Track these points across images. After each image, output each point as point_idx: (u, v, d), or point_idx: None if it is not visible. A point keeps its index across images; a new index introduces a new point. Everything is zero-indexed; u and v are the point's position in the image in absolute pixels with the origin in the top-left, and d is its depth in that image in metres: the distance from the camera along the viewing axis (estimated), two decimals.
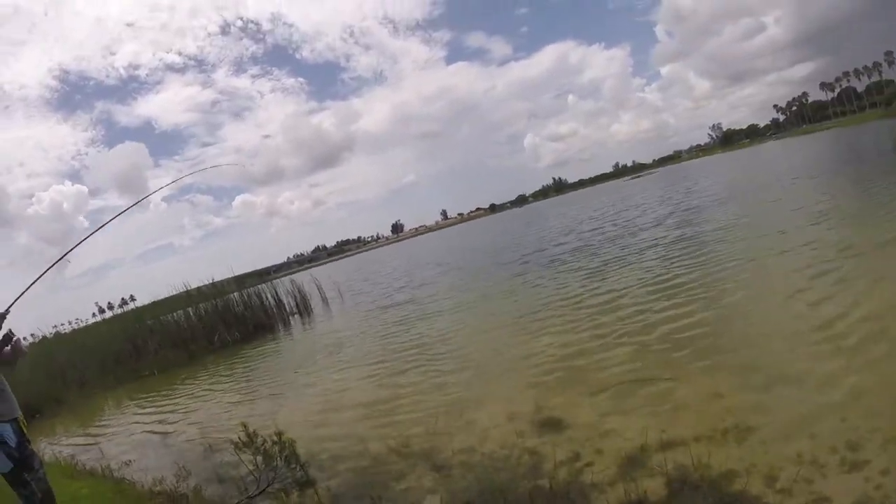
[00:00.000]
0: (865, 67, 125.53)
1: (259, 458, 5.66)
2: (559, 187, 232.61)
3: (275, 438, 5.60)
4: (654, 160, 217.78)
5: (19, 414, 3.64)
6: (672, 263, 11.55)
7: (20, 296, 3.75)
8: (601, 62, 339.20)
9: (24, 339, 24.40)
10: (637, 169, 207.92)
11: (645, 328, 7.73)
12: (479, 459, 5.20)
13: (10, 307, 3.58)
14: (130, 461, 8.20)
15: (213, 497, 5.84)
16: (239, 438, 5.75)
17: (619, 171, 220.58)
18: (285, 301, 22.75)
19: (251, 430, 5.76)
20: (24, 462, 3.53)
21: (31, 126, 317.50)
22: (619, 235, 18.82)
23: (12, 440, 3.49)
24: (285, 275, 39.89)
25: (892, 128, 25.37)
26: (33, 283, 3.99)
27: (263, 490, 5.51)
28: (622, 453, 4.53)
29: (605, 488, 4.14)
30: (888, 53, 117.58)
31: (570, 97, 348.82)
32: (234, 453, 6.01)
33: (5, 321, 3.53)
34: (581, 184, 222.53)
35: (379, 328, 13.93)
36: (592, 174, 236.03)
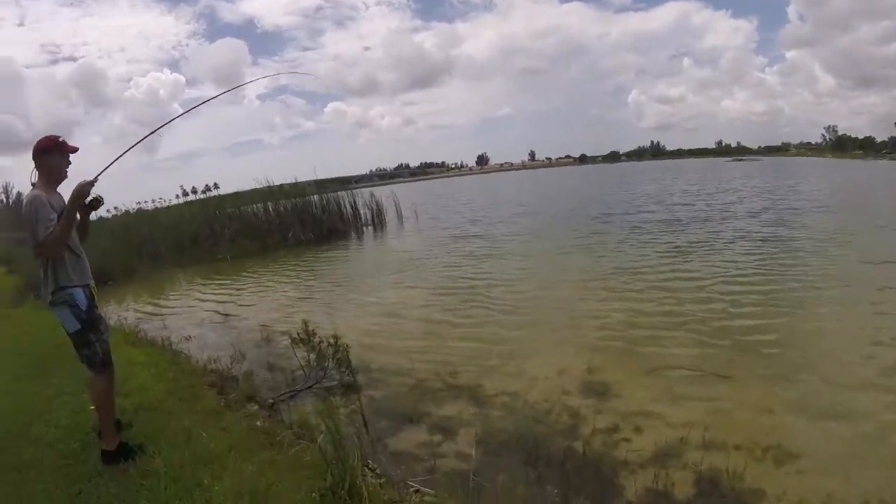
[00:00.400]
0: None
1: (312, 356, 5.92)
2: (656, 152, 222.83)
3: (331, 340, 5.81)
4: (759, 147, 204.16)
5: (91, 281, 3.80)
6: (758, 262, 10.83)
7: (108, 166, 3.85)
8: (725, 30, 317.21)
9: (108, 211, 25.95)
10: (740, 151, 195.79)
11: (715, 321, 7.41)
12: (520, 406, 5.22)
13: (98, 176, 3.67)
14: (190, 337, 8.62)
15: (262, 383, 6.10)
16: (297, 334, 6.01)
17: (722, 150, 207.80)
18: (362, 212, 23.35)
19: (310, 328, 6.01)
20: (91, 324, 3.69)
21: (135, 15, 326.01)
22: (709, 218, 17.89)
23: (83, 303, 3.65)
24: (365, 187, 40.39)
25: None
26: (122, 154, 4.07)
27: (310, 387, 5.74)
28: (661, 439, 4.45)
29: (635, 468, 4.09)
30: None
31: (686, 60, 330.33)
32: (290, 347, 6.27)
33: (93, 188, 3.66)
34: (679, 153, 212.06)
35: (447, 256, 13.99)
36: (693, 146, 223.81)
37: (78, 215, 3.67)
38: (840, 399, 5.14)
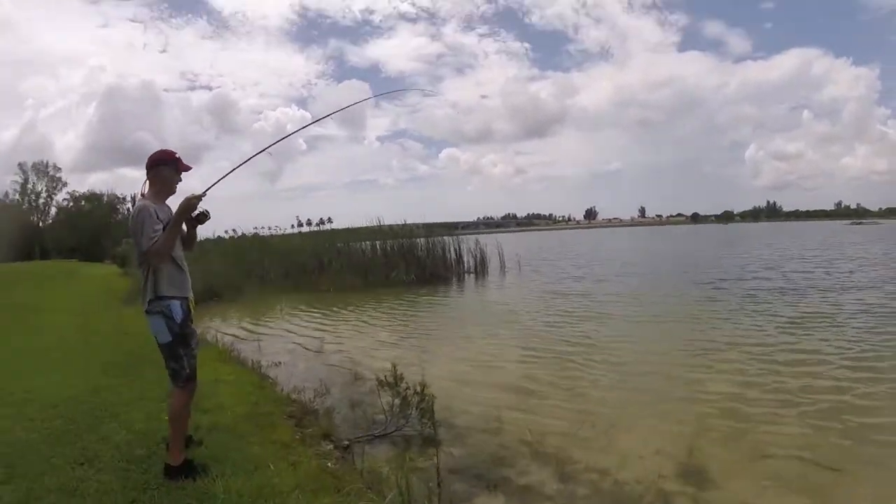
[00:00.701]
0: None
1: (396, 402, 5.69)
2: (771, 213, 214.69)
3: (417, 388, 5.59)
4: (880, 209, 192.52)
5: (190, 295, 3.80)
6: (882, 341, 9.63)
7: (217, 181, 3.90)
8: (846, 79, 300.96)
9: (226, 232, 27.53)
10: (860, 213, 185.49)
11: (832, 409, 6.56)
12: (609, 485, 4.74)
13: (206, 191, 3.72)
14: (280, 363, 8.71)
15: (342, 421, 5.96)
16: (385, 377, 5.82)
17: (841, 212, 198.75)
18: (465, 258, 23.46)
19: (399, 372, 5.80)
20: (183, 338, 3.67)
21: (269, 51, 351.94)
22: (829, 287, 16.48)
23: (178, 316, 3.64)
24: (472, 233, 40.62)
25: None
26: (232, 170, 4.11)
27: (390, 433, 5.52)
28: None
29: None
30: None
31: (805, 113, 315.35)
32: (376, 390, 6.11)
33: (201, 203, 3.67)
34: (796, 214, 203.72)
35: (546, 313, 13.44)
36: (810, 207, 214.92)
37: (185, 227, 3.72)
38: None
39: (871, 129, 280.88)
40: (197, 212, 3.63)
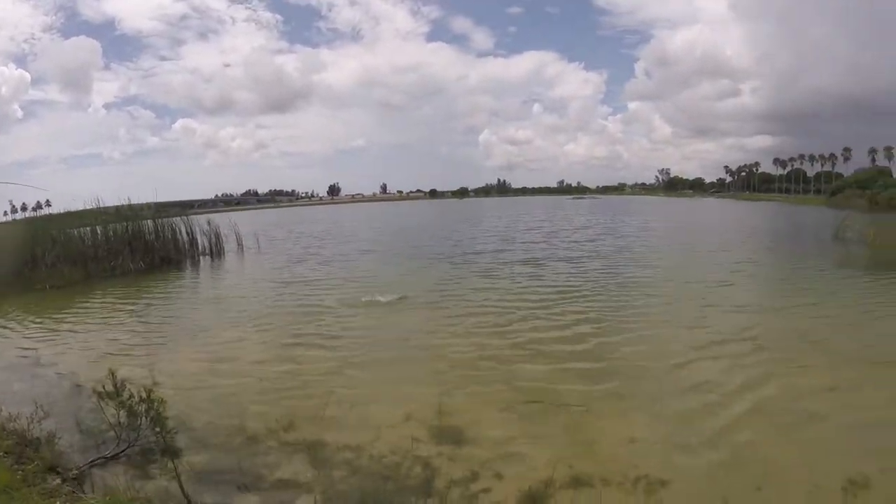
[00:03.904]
0: (821, 156, 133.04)
1: (123, 414, 5.01)
2: (502, 189, 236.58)
3: (143, 395, 4.92)
4: (597, 187, 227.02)
5: None
6: (604, 300, 11.17)
7: None
8: (576, 81, 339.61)
9: None
10: (580, 190, 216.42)
11: (568, 350, 7.44)
12: (366, 462, 4.71)
13: None
14: None
15: (69, 447, 5.18)
16: (104, 388, 5.08)
17: (563, 189, 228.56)
18: (199, 240, 21.86)
19: (118, 379, 5.08)
20: None
21: None
22: (552, 250, 18.93)
23: None
24: (210, 212, 38.30)
25: (837, 220, 27.24)
26: None
27: (122, 451, 4.92)
28: (525, 484, 4.16)
29: None
30: (846, 150, 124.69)
31: (536, 106, 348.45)
32: (97, 403, 5.30)
33: None
34: (524, 191, 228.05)
35: (284, 292, 13.15)
36: (537, 185, 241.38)
37: None
38: (694, 419, 5.38)
39: (594, 122, 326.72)
40: None
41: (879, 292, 11.99)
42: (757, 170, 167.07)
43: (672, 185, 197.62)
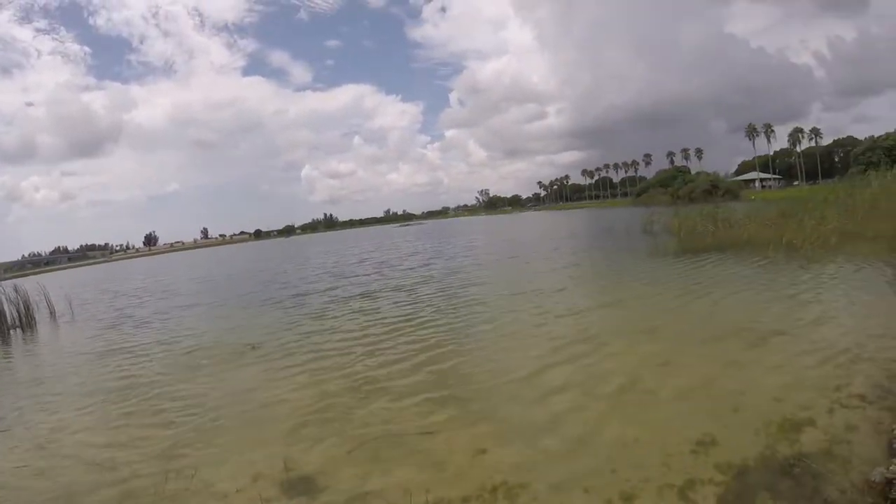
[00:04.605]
0: (624, 163, 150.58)
1: None
2: (329, 223, 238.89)
3: None
4: (423, 212, 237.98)
5: None
6: (429, 308, 12.25)
7: None
8: (394, 112, 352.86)
9: None
10: (406, 217, 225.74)
11: (411, 381, 7.51)
12: None
13: None
14: None
15: None
16: None
17: (390, 218, 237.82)
18: (7, 310, 19.36)
19: None
20: None
21: None
22: (373, 278, 19.23)
23: None
24: (18, 276, 34.59)
25: (643, 217, 31.85)
26: None
27: None
28: None
29: None
30: (647, 156, 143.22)
31: (357, 138, 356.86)
32: None
33: None
34: (351, 223, 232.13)
35: (106, 362, 11.83)
36: (364, 216, 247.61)
37: None
38: (536, 417, 5.73)
39: (414, 151, 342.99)
40: None
41: (692, 274, 13.59)
42: (567, 182, 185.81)
43: (492, 204, 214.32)
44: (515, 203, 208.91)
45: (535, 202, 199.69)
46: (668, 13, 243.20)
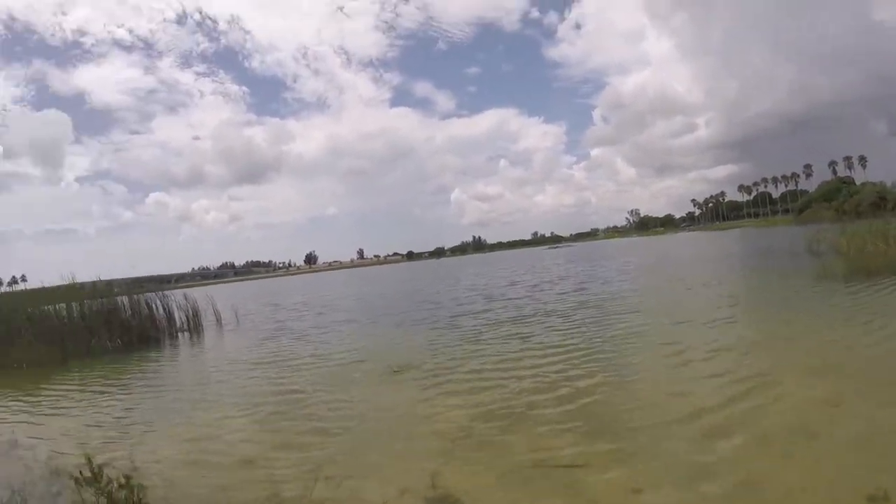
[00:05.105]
0: (784, 176, 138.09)
1: (103, 501, 4.80)
2: (478, 246, 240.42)
3: (122, 481, 4.78)
4: (571, 234, 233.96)
5: None
6: (583, 339, 11.65)
7: None
8: (537, 134, 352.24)
9: None
10: (555, 239, 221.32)
11: (566, 410, 7.27)
12: None
13: None
14: None
15: None
16: (81, 473, 4.87)
17: (538, 240, 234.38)
18: (177, 316, 21.63)
19: (96, 465, 4.91)
20: None
21: None
22: (536, 303, 18.85)
23: None
24: (188, 286, 38.31)
25: (807, 235, 29.27)
26: None
27: None
28: None
29: None
30: (807, 167, 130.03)
31: (503, 162, 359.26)
32: (76, 490, 5.05)
33: None
34: (500, 245, 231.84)
35: (267, 366, 12.94)
36: (512, 238, 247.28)
37: None
38: (694, 456, 5.39)
39: (559, 172, 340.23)
40: None
41: (865, 301, 12.52)
42: (723, 199, 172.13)
43: (643, 225, 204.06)
44: (668, 223, 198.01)
45: (689, 222, 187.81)
46: (808, 5, 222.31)
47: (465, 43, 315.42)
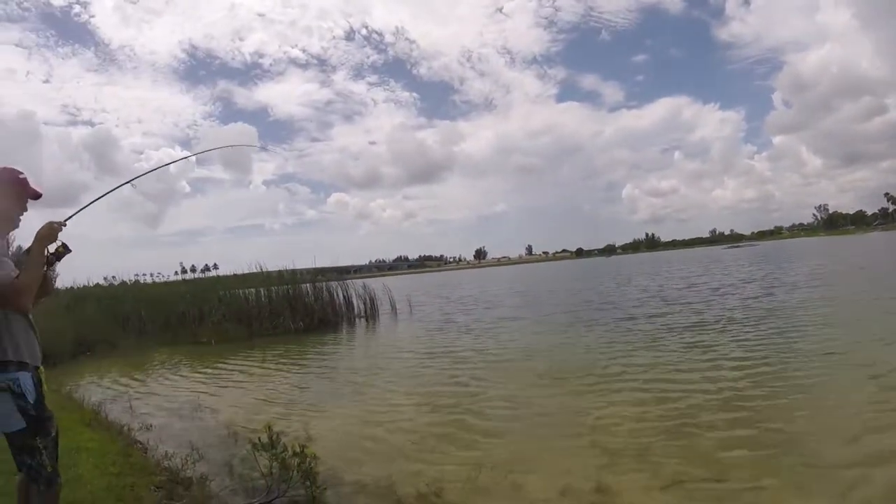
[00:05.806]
0: None
1: (276, 465, 5.04)
2: (651, 244, 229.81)
3: (297, 449, 4.96)
4: (752, 232, 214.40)
5: (40, 362, 2.91)
6: (769, 344, 10.58)
7: (78, 211, 3.31)
8: (713, 123, 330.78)
9: (105, 279, 25.29)
10: (734, 238, 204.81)
11: (727, 422, 6.65)
12: None
13: (67, 220, 2.98)
14: (152, 426, 7.91)
15: (219, 489, 5.33)
16: (259, 439, 5.16)
17: (716, 238, 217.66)
18: (355, 303, 22.79)
19: (274, 433, 5.16)
20: (40, 423, 2.77)
21: (156, 90, 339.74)
22: (710, 303, 17.12)
23: (31, 394, 2.73)
24: (365, 277, 40.05)
25: None
26: (94, 201, 3.60)
27: (272, 500, 4.94)
28: None
29: None
30: None
31: (677, 154, 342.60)
32: (251, 453, 5.36)
33: (61, 234, 2.92)
34: (674, 244, 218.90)
35: (437, 358, 12.89)
36: (687, 236, 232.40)
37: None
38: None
39: (739, 163, 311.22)
40: (56, 244, 2.89)
41: None
42: None
43: (832, 223, 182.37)
44: (859, 221, 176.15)
45: (883, 220, 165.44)
46: None
47: (629, 30, 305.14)
